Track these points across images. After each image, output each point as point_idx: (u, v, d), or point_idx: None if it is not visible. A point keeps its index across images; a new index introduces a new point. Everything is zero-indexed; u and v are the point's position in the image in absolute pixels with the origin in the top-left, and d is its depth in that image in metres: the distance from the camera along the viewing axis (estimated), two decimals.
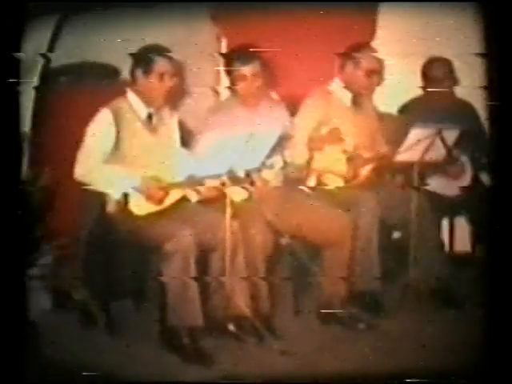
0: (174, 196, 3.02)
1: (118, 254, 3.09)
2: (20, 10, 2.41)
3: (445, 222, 3.84)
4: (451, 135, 3.38)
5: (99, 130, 2.95)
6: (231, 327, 2.89)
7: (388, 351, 2.91)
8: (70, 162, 2.93)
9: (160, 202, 2.95)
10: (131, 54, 3.06)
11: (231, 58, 3.22)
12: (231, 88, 3.25)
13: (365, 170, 3.46)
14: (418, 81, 3.91)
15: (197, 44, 3.80)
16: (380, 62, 3.58)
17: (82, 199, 3.01)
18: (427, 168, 3.50)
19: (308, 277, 3.26)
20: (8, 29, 2.38)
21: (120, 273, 3.13)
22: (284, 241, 3.12)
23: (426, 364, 2.75)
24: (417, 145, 3.31)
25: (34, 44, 3.10)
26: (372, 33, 4.04)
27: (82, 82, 3.70)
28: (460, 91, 3.92)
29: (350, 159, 3.39)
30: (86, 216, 3.07)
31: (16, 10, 2.40)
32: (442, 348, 2.87)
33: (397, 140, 3.39)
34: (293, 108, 3.41)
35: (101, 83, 3.68)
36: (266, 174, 3.07)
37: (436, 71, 3.86)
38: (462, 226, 3.88)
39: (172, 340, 2.85)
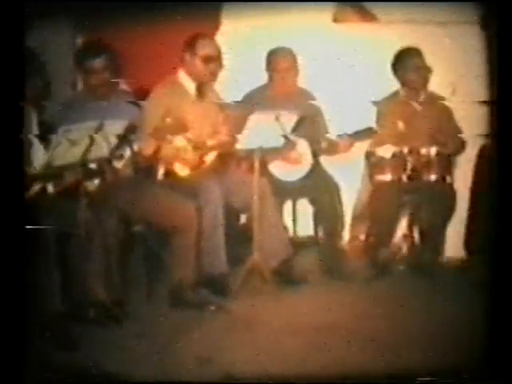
0: None
1: None
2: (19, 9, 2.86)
3: (287, 206, 4.77)
4: (290, 120, 4.30)
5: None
6: (91, 313, 3.62)
7: (238, 331, 3.75)
8: None
9: None
10: None
11: (82, 53, 3.97)
12: (83, 81, 4.00)
13: (209, 158, 4.27)
14: (263, 70, 4.86)
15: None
16: (217, 49, 4.47)
17: None
18: (268, 153, 4.41)
19: (159, 262, 4.04)
20: (8, 28, 2.82)
21: None
22: (136, 228, 3.90)
23: None
24: (257, 131, 4.19)
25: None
26: (216, 25, 5.04)
27: None
28: None
29: (195, 148, 4.18)
30: None
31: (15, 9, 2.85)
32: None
33: (239, 127, 4.22)
34: (142, 99, 4.18)
35: None
36: (116, 163, 3.80)
37: (281, 61, 4.79)
38: (304, 209, 4.79)
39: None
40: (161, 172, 4.18)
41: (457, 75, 4.96)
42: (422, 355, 3.39)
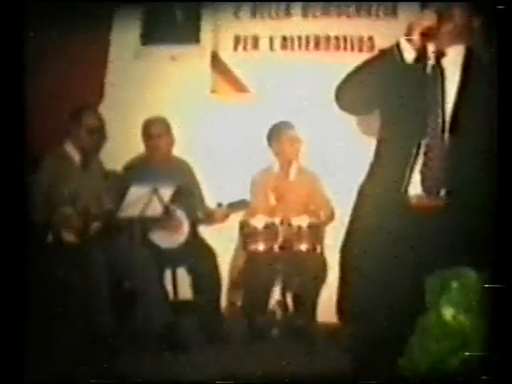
0: None
1: None
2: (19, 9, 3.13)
3: (168, 272, 5.62)
4: (167, 192, 5.18)
5: None
6: None
7: None
8: None
9: None
10: None
11: None
12: None
13: (94, 226, 5.01)
14: (139, 139, 5.79)
15: None
16: (100, 120, 5.34)
17: None
18: (148, 223, 5.26)
19: None
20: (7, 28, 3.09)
21: None
22: None
23: None
24: (136, 202, 5.04)
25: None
26: (100, 95, 5.94)
27: None
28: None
29: (80, 216, 4.92)
30: None
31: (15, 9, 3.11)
32: None
33: (121, 197, 5.03)
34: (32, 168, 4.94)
35: None
36: None
37: (154, 129, 5.72)
38: (183, 275, 5.65)
39: None
40: (49, 238, 4.88)
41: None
42: None
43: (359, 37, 6.09)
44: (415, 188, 3.39)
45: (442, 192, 3.36)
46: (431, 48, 3.41)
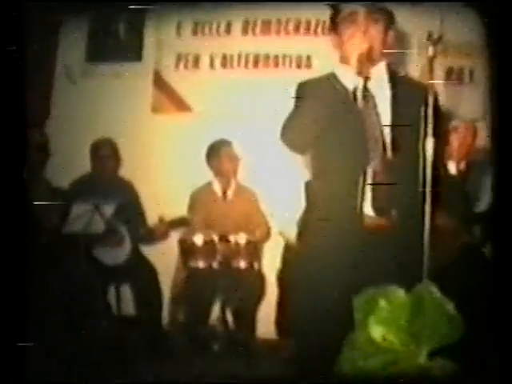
0: None
1: None
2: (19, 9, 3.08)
3: (112, 288, 5.55)
4: (109, 209, 5.17)
5: None
6: None
7: None
8: None
9: None
10: None
11: None
12: None
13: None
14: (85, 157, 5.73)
15: None
16: (46, 137, 5.34)
17: None
18: (91, 239, 5.20)
19: None
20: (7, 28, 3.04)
21: None
22: None
23: None
24: (79, 218, 5.01)
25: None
26: (46, 113, 6.07)
27: None
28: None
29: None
30: None
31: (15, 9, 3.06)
32: None
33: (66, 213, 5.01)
34: None
35: None
36: None
37: (102, 152, 5.68)
38: (126, 291, 5.60)
39: None
40: None
41: None
42: None
43: (298, 55, 6.08)
44: (367, 209, 3.35)
45: (393, 212, 3.34)
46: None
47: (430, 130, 3.16)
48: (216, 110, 6.09)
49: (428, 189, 3.12)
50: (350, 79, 3.33)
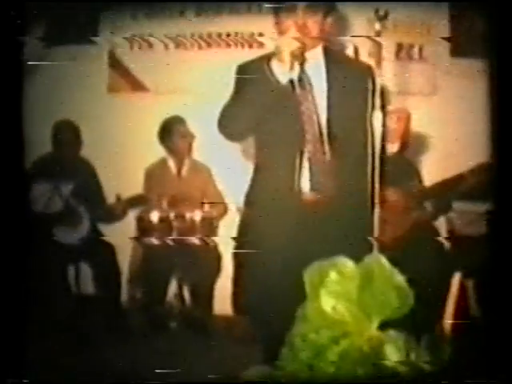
0: None
1: None
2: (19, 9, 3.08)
3: (71, 267, 5.51)
4: (67, 188, 5.18)
5: None
6: None
7: None
8: None
9: None
10: None
11: None
12: None
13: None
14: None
15: None
16: None
17: None
18: (50, 219, 5.19)
19: None
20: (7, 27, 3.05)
21: None
22: None
23: None
24: (39, 198, 5.02)
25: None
26: None
27: None
28: None
29: None
30: None
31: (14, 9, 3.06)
32: None
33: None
34: None
35: None
36: None
37: (63, 134, 5.68)
38: (86, 270, 5.55)
39: None
40: None
41: None
42: None
43: (250, 33, 6.02)
44: (304, 186, 3.46)
45: (329, 190, 3.44)
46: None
47: (376, 106, 3.21)
48: (171, 89, 6.04)
49: (376, 164, 3.17)
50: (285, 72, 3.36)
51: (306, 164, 3.47)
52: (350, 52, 4.76)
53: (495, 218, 3.11)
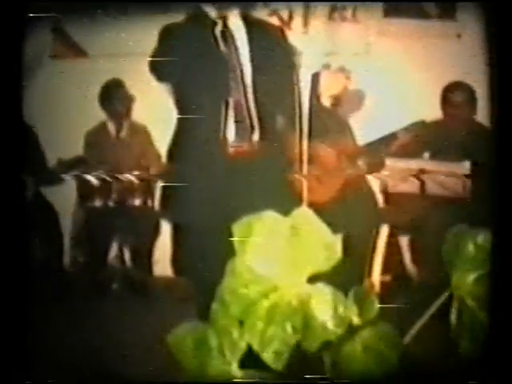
0: None
1: None
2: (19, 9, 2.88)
3: None
4: None
5: None
6: None
7: None
8: None
9: None
10: None
11: None
12: None
13: None
14: None
15: None
16: None
17: None
18: None
19: None
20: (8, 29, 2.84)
21: None
22: None
23: None
24: None
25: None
26: None
27: None
28: None
29: None
30: None
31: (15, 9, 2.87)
32: None
33: None
34: None
35: None
36: None
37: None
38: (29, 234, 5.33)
39: None
40: None
41: None
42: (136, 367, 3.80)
43: None
44: (231, 136, 3.44)
45: (255, 137, 3.42)
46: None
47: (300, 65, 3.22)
48: (110, 53, 5.85)
49: (304, 118, 3.13)
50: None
51: (231, 113, 3.44)
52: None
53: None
